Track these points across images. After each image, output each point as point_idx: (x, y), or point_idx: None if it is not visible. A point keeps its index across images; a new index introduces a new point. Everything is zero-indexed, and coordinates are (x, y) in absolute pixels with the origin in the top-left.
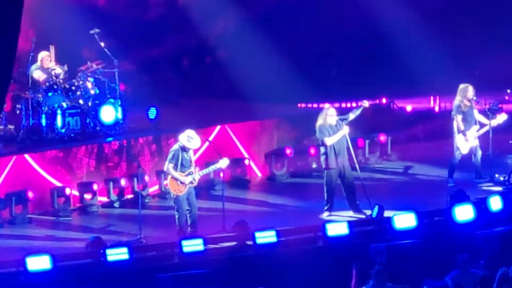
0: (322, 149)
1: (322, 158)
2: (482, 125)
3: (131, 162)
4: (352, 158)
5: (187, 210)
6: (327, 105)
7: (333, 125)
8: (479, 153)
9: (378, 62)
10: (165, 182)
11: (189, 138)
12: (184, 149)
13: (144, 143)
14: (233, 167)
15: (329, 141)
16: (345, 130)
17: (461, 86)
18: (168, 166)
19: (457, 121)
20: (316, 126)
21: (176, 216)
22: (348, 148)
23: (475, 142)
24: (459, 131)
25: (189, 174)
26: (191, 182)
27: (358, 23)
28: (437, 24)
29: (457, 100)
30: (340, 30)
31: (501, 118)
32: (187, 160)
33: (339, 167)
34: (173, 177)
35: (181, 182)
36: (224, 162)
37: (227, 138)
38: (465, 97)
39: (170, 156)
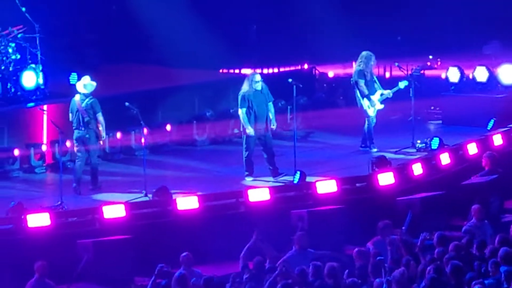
0: (242, 115)
1: (242, 124)
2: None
3: (53, 128)
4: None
5: None
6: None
7: (258, 91)
8: (374, 120)
9: (301, 28)
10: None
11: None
12: None
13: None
14: (153, 133)
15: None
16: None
17: (364, 53)
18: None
19: (361, 85)
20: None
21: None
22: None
23: (381, 106)
24: (363, 96)
25: None
26: None
27: None
28: None
29: (359, 66)
30: None
31: (402, 84)
32: None
33: (259, 133)
34: None
35: None
36: None
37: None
38: (368, 65)
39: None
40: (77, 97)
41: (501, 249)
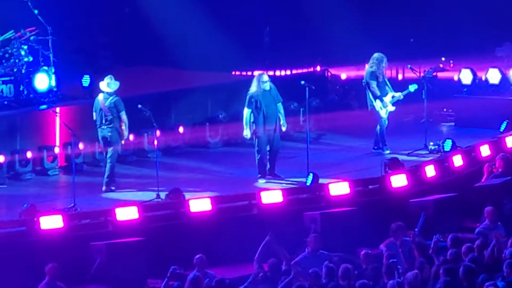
0: (250, 116)
1: (251, 126)
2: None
3: (66, 130)
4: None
5: None
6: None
7: (266, 91)
8: (386, 122)
9: (313, 30)
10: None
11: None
12: None
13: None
14: (166, 135)
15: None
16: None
17: (376, 55)
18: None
19: (373, 87)
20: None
21: None
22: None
23: (392, 108)
24: (375, 97)
25: None
26: None
27: None
28: None
29: (371, 67)
30: None
31: (412, 87)
32: None
33: (268, 134)
34: None
35: None
36: None
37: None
38: (380, 66)
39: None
40: (100, 96)
41: (508, 250)
